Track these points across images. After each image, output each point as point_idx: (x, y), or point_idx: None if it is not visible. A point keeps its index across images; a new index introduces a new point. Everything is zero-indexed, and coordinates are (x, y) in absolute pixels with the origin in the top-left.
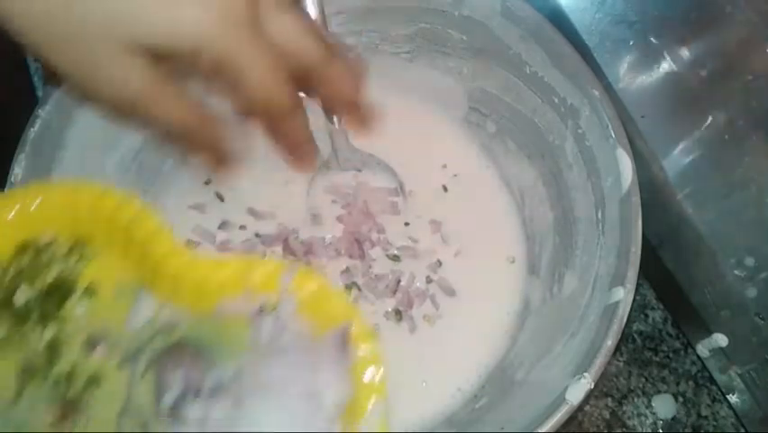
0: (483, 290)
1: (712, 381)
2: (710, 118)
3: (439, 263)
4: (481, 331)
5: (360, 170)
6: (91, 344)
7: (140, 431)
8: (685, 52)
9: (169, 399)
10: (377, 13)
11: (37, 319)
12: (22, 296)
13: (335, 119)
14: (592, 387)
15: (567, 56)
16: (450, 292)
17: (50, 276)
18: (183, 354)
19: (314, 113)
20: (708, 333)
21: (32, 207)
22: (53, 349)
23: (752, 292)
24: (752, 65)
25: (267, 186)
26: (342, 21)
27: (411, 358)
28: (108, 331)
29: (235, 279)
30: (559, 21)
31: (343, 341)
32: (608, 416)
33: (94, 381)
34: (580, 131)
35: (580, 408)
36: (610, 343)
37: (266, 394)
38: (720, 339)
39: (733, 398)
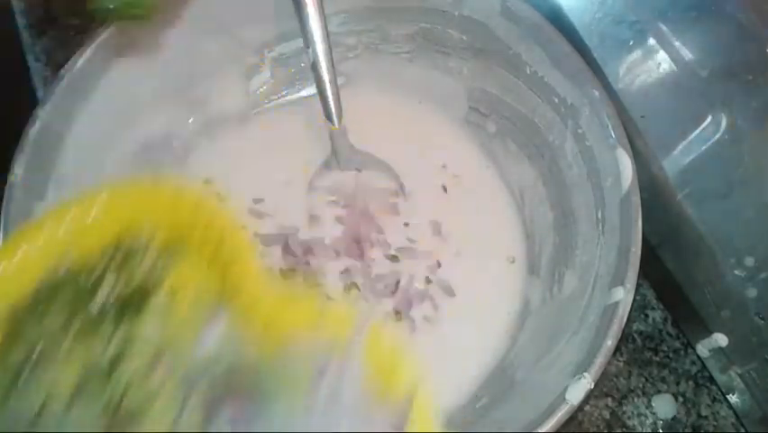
0: (483, 291)
1: (712, 381)
2: (710, 118)
3: (438, 264)
4: (481, 331)
5: (360, 171)
6: (156, 359)
7: None
8: (685, 52)
9: None
10: (377, 13)
11: (108, 328)
12: (100, 300)
13: (335, 119)
14: (592, 387)
15: (567, 56)
16: (449, 293)
17: (134, 282)
18: (238, 391)
19: (313, 111)
20: (708, 333)
21: (130, 205)
22: (117, 359)
23: (752, 292)
24: (752, 65)
25: (266, 186)
26: (342, 21)
27: (411, 358)
28: (176, 348)
29: (307, 318)
30: (559, 21)
31: (403, 414)
32: (608, 416)
33: (149, 399)
34: (580, 131)
35: (580, 408)
36: (610, 343)
37: None
38: (720, 339)
39: (733, 398)
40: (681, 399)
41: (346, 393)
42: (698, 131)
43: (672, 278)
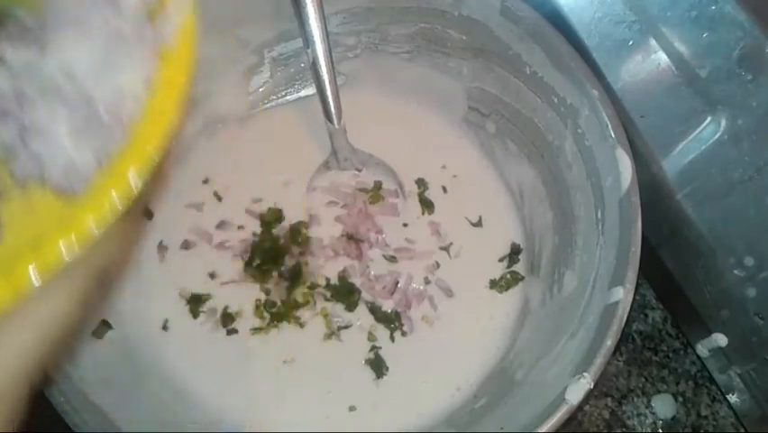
0: (482, 291)
1: (712, 381)
2: (710, 118)
3: (437, 264)
4: (481, 331)
5: (359, 171)
6: None
7: None
8: (685, 52)
9: None
10: (377, 13)
11: None
12: None
13: (335, 118)
14: (592, 387)
15: (566, 56)
16: (448, 293)
17: None
18: None
19: (313, 111)
20: (708, 333)
21: None
22: None
23: (752, 292)
24: (752, 65)
25: (265, 186)
26: (342, 21)
27: (410, 359)
28: None
29: None
30: (558, 21)
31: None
32: (607, 416)
33: None
34: (579, 131)
35: (579, 408)
36: (610, 343)
37: (72, 28)
38: (720, 339)
39: (732, 398)
40: (680, 399)
41: None
42: (698, 131)
43: (672, 278)
